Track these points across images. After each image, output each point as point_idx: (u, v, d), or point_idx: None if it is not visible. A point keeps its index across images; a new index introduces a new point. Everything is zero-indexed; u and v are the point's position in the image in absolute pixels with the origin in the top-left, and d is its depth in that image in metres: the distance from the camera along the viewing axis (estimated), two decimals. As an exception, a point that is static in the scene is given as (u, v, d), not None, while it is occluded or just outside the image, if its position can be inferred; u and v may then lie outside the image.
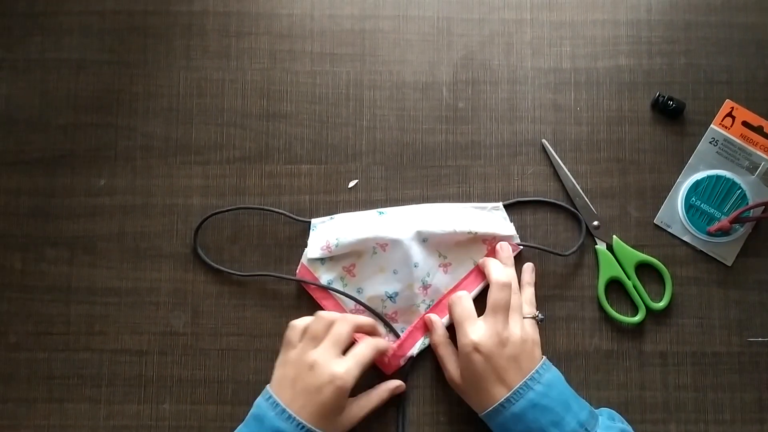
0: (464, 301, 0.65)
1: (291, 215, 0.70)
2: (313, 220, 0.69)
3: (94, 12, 0.73)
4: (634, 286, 0.69)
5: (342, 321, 0.64)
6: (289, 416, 0.59)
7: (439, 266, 0.68)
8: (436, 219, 0.69)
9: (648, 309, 0.69)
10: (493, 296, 0.64)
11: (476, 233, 0.68)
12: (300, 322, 0.64)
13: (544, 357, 0.63)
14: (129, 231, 0.70)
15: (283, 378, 0.62)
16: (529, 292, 0.68)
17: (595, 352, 0.69)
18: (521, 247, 0.69)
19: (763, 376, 0.69)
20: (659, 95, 0.71)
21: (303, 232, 0.70)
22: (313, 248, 0.68)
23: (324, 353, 0.62)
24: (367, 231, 0.67)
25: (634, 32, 0.73)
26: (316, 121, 0.72)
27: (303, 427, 0.59)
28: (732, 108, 0.71)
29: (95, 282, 0.70)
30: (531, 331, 0.64)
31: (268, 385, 0.63)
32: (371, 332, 0.66)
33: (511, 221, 0.70)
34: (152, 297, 0.70)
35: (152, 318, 0.69)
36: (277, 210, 0.70)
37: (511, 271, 0.67)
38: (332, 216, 0.70)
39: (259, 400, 0.62)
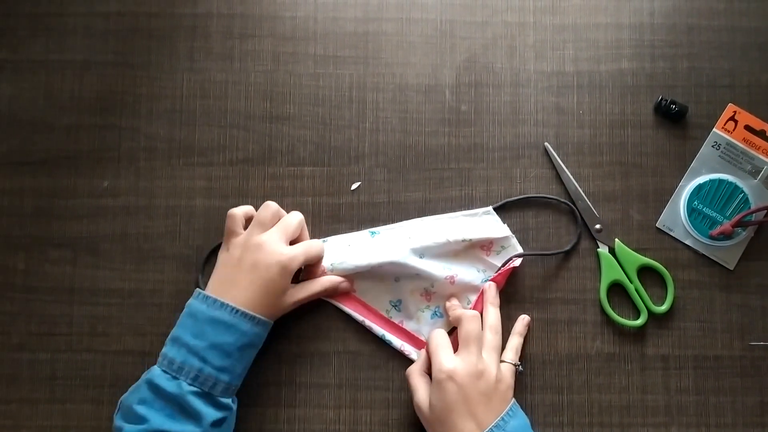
0: (440, 334, 0.64)
1: None
2: None
3: (98, 13, 0.73)
4: (636, 290, 0.69)
5: (292, 215, 0.66)
6: (222, 303, 0.61)
7: (446, 279, 0.68)
8: (428, 232, 0.68)
9: (650, 312, 0.69)
10: (463, 329, 0.63)
11: (471, 240, 0.68)
12: (239, 211, 0.66)
13: (513, 399, 0.63)
14: (132, 232, 0.70)
15: (228, 262, 0.64)
16: (516, 340, 0.67)
17: (597, 356, 0.69)
18: (518, 261, 0.68)
19: (765, 379, 0.69)
20: (662, 99, 0.71)
21: None
22: None
23: (272, 236, 0.64)
24: (363, 257, 0.67)
25: (637, 36, 0.73)
26: (319, 123, 0.72)
27: (236, 311, 0.61)
28: (735, 112, 0.71)
29: (98, 283, 0.70)
30: (507, 375, 0.63)
31: (198, 288, 0.64)
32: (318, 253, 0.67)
33: (512, 224, 0.70)
34: (155, 298, 0.70)
35: (155, 319, 0.69)
36: None
37: (495, 313, 0.66)
38: (325, 239, 0.69)
39: (191, 301, 0.63)
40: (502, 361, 0.64)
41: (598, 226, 0.70)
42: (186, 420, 0.60)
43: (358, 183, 0.71)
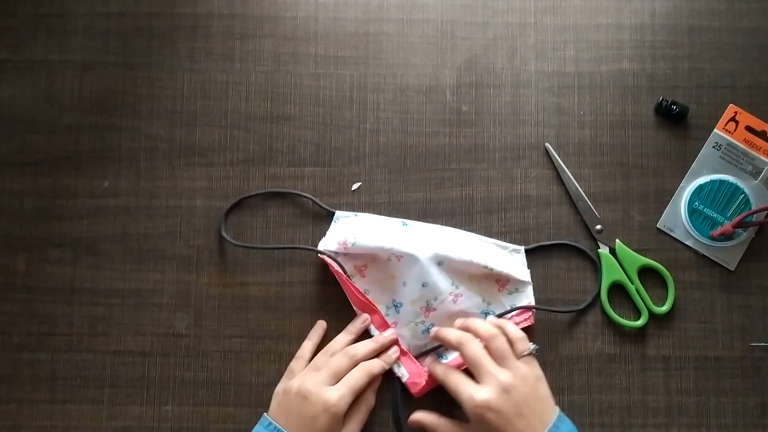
0: (453, 371, 0.64)
1: (318, 201, 0.70)
2: (338, 212, 0.69)
3: (98, 14, 0.73)
4: (637, 290, 0.69)
5: (343, 355, 0.65)
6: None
7: (450, 294, 0.68)
8: (457, 245, 0.68)
9: (651, 313, 0.69)
10: (466, 354, 0.62)
11: (492, 270, 0.67)
12: (306, 354, 0.67)
13: (557, 408, 0.61)
14: (132, 232, 0.70)
15: (279, 406, 0.64)
16: (510, 327, 0.64)
17: (598, 356, 0.69)
18: (530, 318, 0.68)
19: (766, 380, 0.69)
20: (663, 99, 0.71)
21: (322, 223, 0.70)
22: (330, 240, 0.68)
23: (319, 384, 0.63)
24: (387, 240, 0.67)
25: (638, 36, 0.73)
26: (320, 124, 0.72)
27: None
28: (735, 113, 0.71)
29: (98, 283, 0.70)
30: (527, 369, 0.62)
31: (265, 414, 0.63)
32: (376, 353, 0.67)
33: (512, 224, 0.70)
34: (155, 299, 0.70)
35: (155, 320, 0.69)
36: (304, 194, 0.70)
37: (479, 321, 0.65)
38: (357, 213, 0.70)
39: (258, 428, 0.63)
40: (517, 357, 0.62)
41: (598, 227, 0.70)
42: None
43: (359, 183, 0.71)
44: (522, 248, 0.69)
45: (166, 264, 0.70)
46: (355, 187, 0.71)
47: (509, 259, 0.69)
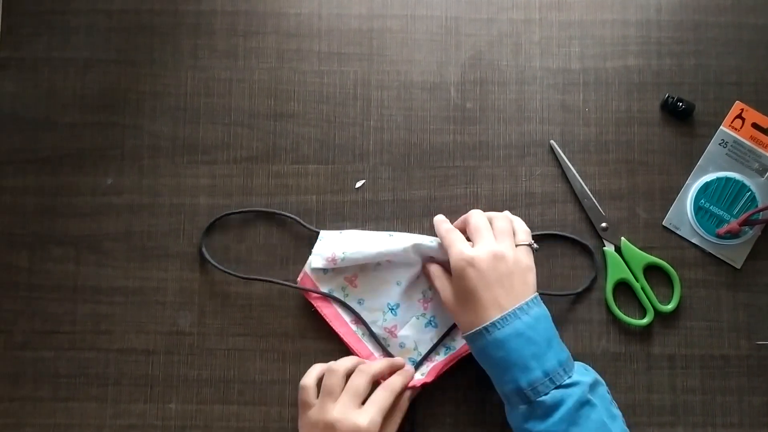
0: (455, 231, 0.65)
1: (301, 221, 0.69)
2: (322, 232, 0.69)
3: (101, 11, 0.73)
4: (642, 289, 0.69)
5: (359, 374, 0.62)
6: None
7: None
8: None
9: (656, 311, 0.69)
10: (471, 223, 0.64)
11: None
12: (310, 381, 0.62)
13: (537, 293, 0.62)
14: (136, 230, 0.70)
15: None
16: (518, 221, 0.66)
17: (603, 355, 0.69)
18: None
19: (772, 379, 0.69)
20: (668, 96, 0.71)
21: (311, 234, 0.70)
22: (318, 258, 0.68)
23: (343, 409, 0.60)
24: (375, 247, 0.67)
25: (644, 32, 0.73)
26: (324, 121, 0.72)
27: None
28: (742, 110, 0.71)
29: (101, 281, 0.70)
30: (524, 256, 0.63)
31: None
32: (390, 371, 0.65)
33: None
34: (159, 296, 0.69)
35: (159, 317, 0.69)
36: (288, 215, 0.69)
37: (493, 213, 0.66)
38: (341, 231, 0.69)
39: None
40: (517, 244, 0.64)
41: (603, 225, 0.70)
42: None
43: (363, 181, 0.71)
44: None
45: (169, 262, 0.70)
46: (359, 184, 0.71)
47: None
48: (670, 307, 0.69)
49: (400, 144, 0.72)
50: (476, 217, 0.65)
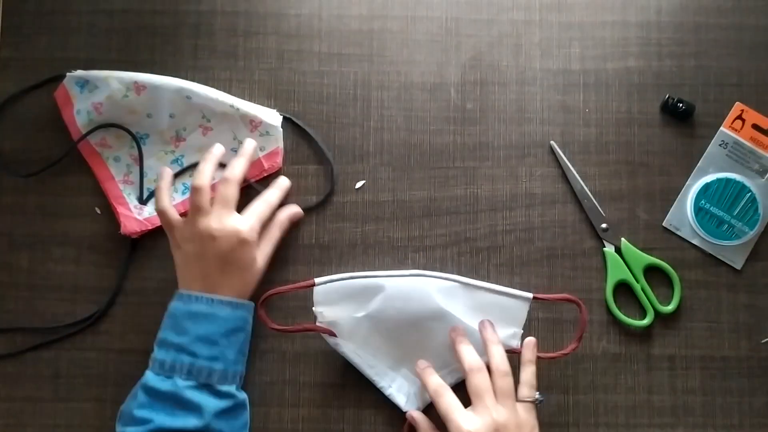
0: (448, 393, 0.62)
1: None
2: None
3: (102, 11, 0.73)
4: (643, 289, 0.69)
5: (224, 182, 0.64)
6: (196, 297, 0.63)
7: (200, 126, 0.69)
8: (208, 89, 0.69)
9: (656, 312, 0.69)
10: (471, 383, 0.61)
11: (238, 109, 0.69)
12: (206, 182, 0.63)
13: None
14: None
15: (186, 265, 0.64)
16: (529, 371, 0.63)
17: (603, 356, 0.69)
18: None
19: (772, 380, 0.68)
20: (669, 97, 0.71)
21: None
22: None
23: (218, 218, 0.63)
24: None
25: (644, 34, 0.73)
26: (324, 122, 0.72)
27: (211, 300, 0.63)
28: (742, 110, 0.71)
29: (101, 281, 0.70)
30: (525, 415, 0.60)
31: (180, 290, 0.65)
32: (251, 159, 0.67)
33: (517, 222, 0.70)
34: (158, 297, 0.69)
35: (159, 318, 0.68)
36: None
37: (499, 352, 0.63)
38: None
39: (170, 303, 0.64)
40: (519, 401, 0.61)
41: (604, 226, 0.70)
42: (186, 414, 0.60)
43: (363, 182, 0.71)
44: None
45: (169, 261, 0.69)
46: (358, 185, 0.71)
47: (262, 108, 0.70)
48: (670, 308, 0.69)
49: (400, 145, 0.72)
50: (477, 378, 0.61)
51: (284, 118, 0.71)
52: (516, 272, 0.70)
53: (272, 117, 0.70)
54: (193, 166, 0.69)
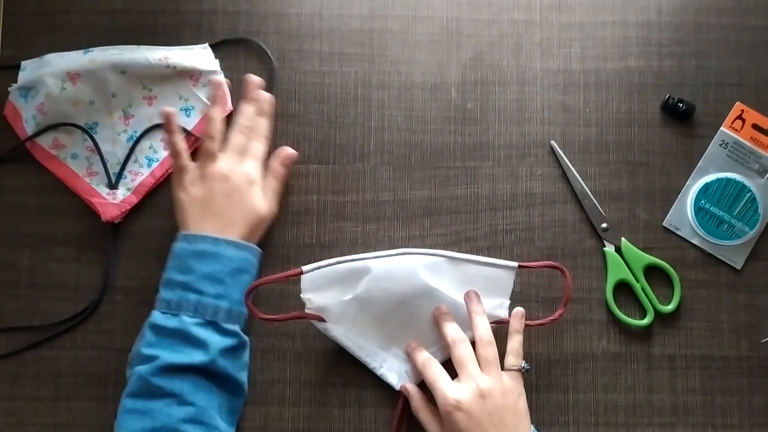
0: (434, 364, 0.63)
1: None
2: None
3: (103, 11, 0.73)
4: (643, 289, 0.69)
5: (237, 133, 0.67)
6: (202, 237, 0.64)
7: (144, 99, 0.69)
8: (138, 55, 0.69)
9: (656, 312, 0.69)
10: (455, 354, 0.62)
11: (175, 67, 0.69)
12: (182, 148, 0.67)
13: (533, 427, 0.62)
14: (137, 230, 0.70)
15: (192, 206, 0.66)
16: (516, 341, 0.64)
17: (603, 355, 0.69)
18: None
19: (772, 380, 0.69)
20: (669, 97, 0.71)
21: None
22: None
23: (228, 162, 0.66)
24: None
25: (644, 34, 0.73)
26: (324, 121, 0.72)
27: (217, 239, 0.64)
28: (742, 110, 0.71)
29: (103, 280, 0.70)
30: (511, 383, 0.62)
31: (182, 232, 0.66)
32: (219, 100, 0.69)
33: (517, 222, 0.70)
34: (159, 296, 0.69)
35: (159, 317, 0.69)
36: None
37: (482, 322, 0.64)
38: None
39: (173, 245, 0.65)
40: (505, 369, 0.63)
41: (604, 225, 0.70)
42: (193, 349, 0.61)
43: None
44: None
45: (170, 261, 0.70)
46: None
47: (195, 54, 0.70)
48: (670, 307, 0.69)
49: (401, 144, 0.72)
50: (460, 349, 0.62)
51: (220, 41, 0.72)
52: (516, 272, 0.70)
53: (207, 61, 0.70)
54: (148, 133, 0.70)
